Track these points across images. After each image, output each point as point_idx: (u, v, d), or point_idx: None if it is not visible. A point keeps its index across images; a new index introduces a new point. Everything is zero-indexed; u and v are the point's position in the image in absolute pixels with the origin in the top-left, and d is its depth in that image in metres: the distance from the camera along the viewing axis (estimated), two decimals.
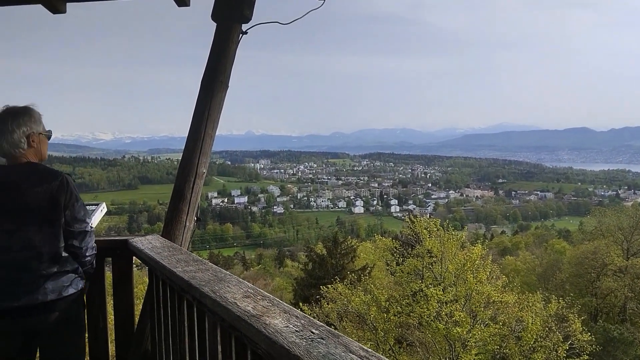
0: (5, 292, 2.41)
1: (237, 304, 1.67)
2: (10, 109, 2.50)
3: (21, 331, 2.50)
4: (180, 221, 3.15)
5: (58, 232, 2.45)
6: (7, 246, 2.40)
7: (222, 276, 2.06)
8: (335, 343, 1.33)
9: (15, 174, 2.44)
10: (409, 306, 16.01)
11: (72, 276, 2.53)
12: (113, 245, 3.10)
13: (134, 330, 3.13)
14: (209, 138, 3.21)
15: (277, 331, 1.42)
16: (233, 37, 3.20)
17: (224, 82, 3.22)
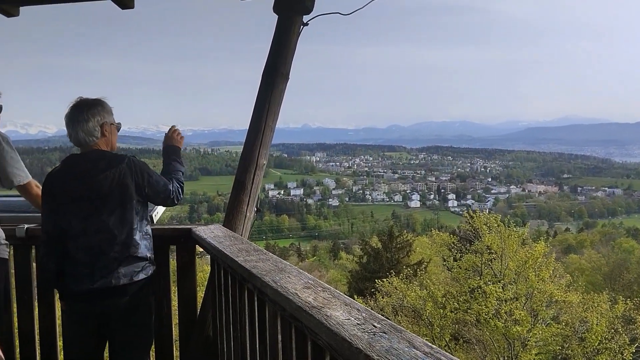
0: (82, 275, 2.57)
1: (297, 295, 1.68)
2: (85, 100, 2.66)
3: (95, 313, 2.66)
4: (240, 211, 3.22)
5: (131, 216, 2.58)
6: (82, 231, 2.55)
7: (283, 267, 2.08)
8: (399, 338, 1.31)
9: (85, 161, 2.59)
10: (467, 303, 15.71)
11: (144, 262, 2.66)
12: (177, 233, 3.21)
13: (197, 316, 3.23)
14: (269, 130, 3.26)
15: (338, 323, 1.42)
16: (294, 28, 3.22)
17: (284, 74, 3.25)
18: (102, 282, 2.55)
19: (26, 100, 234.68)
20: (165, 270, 3.25)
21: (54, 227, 2.62)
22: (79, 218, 2.55)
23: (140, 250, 2.64)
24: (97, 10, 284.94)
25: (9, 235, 3.09)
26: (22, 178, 2.87)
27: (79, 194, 2.54)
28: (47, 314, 3.39)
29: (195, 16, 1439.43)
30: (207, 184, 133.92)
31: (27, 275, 3.36)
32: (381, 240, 28.41)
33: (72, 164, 2.63)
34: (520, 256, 15.92)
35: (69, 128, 2.60)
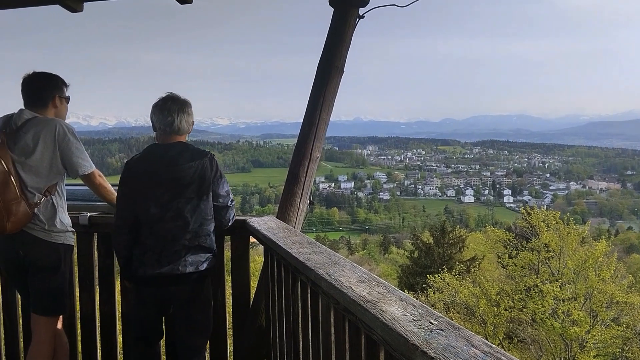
0: (152, 260, 2.73)
1: (352, 288, 1.67)
2: (176, 96, 2.84)
3: (159, 298, 2.83)
4: (294, 204, 3.24)
5: (205, 207, 2.73)
6: (161, 216, 2.69)
7: (337, 260, 2.08)
8: (456, 336, 1.28)
9: (172, 151, 2.73)
10: (522, 301, 15.28)
11: (209, 254, 2.80)
12: (232, 224, 3.26)
13: (250, 305, 3.28)
14: (323, 123, 3.25)
15: (394, 319, 1.40)
16: (350, 21, 3.20)
17: (339, 68, 3.24)
18: (168, 269, 2.70)
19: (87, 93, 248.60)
20: (220, 259, 3.32)
21: (130, 214, 2.77)
22: (159, 204, 2.69)
23: (209, 241, 2.78)
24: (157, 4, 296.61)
25: (73, 223, 3.23)
26: (87, 168, 2.98)
27: (162, 180, 2.68)
28: (107, 298, 3.52)
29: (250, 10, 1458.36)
30: (259, 176, 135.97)
31: (89, 261, 3.51)
32: (433, 235, 28.01)
33: (156, 152, 2.77)
34: (580, 255, 15.33)
35: (172, 115, 2.74)
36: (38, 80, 3.00)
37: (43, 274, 2.98)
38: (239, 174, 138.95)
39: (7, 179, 2.74)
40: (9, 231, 2.79)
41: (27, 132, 2.85)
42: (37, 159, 2.85)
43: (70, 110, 3.18)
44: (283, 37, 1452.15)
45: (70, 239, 3.08)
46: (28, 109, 2.94)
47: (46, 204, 2.93)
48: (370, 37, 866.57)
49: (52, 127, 2.88)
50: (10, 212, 2.74)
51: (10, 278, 3.25)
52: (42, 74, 3.03)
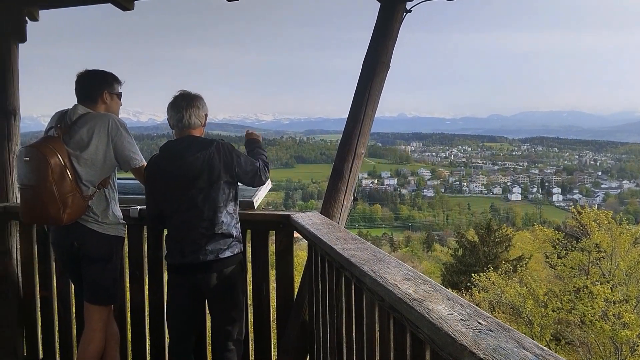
0: (176, 250, 2.86)
1: (397, 286, 1.66)
2: (186, 93, 2.95)
3: (189, 286, 2.93)
4: (338, 200, 3.23)
5: (217, 195, 2.80)
6: (176, 209, 2.82)
7: (381, 257, 2.06)
8: (506, 337, 1.25)
9: (180, 145, 2.84)
10: (571, 302, 14.81)
11: (230, 240, 2.87)
12: (277, 219, 3.30)
13: (294, 300, 3.31)
14: (368, 119, 3.23)
15: (441, 317, 1.37)
16: (397, 16, 3.16)
17: (385, 63, 3.21)
18: (191, 257, 2.82)
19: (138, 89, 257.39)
20: (265, 254, 3.36)
21: (154, 208, 2.95)
22: (174, 197, 2.82)
23: (224, 227, 2.84)
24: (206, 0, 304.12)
25: (124, 215, 3.33)
26: (138, 162, 3.07)
27: (173, 175, 2.80)
28: (156, 289, 3.62)
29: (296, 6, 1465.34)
30: (302, 171, 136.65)
31: (139, 253, 3.61)
32: (478, 233, 27.50)
33: (168, 148, 2.90)
34: (633, 256, 14.74)
35: (181, 111, 2.87)
36: (88, 77, 3.11)
37: (96, 264, 3.08)
38: (282, 170, 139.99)
39: (64, 172, 2.84)
40: (65, 222, 2.89)
41: (81, 126, 2.95)
42: (91, 153, 2.94)
43: (121, 107, 3.27)
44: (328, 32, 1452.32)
45: (121, 231, 3.18)
46: (81, 105, 3.06)
47: (99, 196, 3.03)
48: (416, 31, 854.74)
49: (106, 121, 2.98)
50: (66, 204, 2.84)
51: (65, 268, 3.37)
52: (93, 71, 3.14)
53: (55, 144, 2.86)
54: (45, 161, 2.78)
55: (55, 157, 2.81)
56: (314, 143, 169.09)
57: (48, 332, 3.91)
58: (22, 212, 2.99)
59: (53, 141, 2.88)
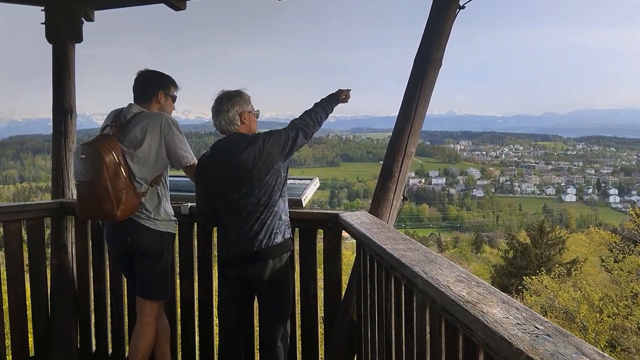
0: (229, 243, 2.92)
1: (450, 288, 1.62)
2: (226, 92, 2.98)
3: (241, 279, 2.98)
4: (387, 199, 3.20)
5: (271, 179, 2.86)
6: (234, 199, 2.87)
7: (433, 257, 2.02)
8: (565, 342, 1.19)
9: (230, 143, 2.90)
10: (627, 308, 14.18)
11: (280, 223, 2.92)
12: (325, 218, 3.30)
13: (341, 299, 3.30)
14: (419, 117, 3.19)
15: (496, 321, 1.33)
16: (450, 12, 3.10)
17: (437, 60, 3.15)
18: (247, 246, 2.87)
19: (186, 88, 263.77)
20: (313, 252, 3.37)
21: (207, 206, 3.01)
22: (231, 191, 2.88)
23: (278, 210, 2.91)
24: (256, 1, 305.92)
25: (175, 212, 3.41)
26: (189, 160, 3.14)
27: (227, 171, 2.86)
28: (205, 285, 3.69)
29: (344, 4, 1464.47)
30: (348, 170, 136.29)
31: (189, 249, 3.69)
32: (530, 235, 26.73)
33: (218, 147, 2.96)
34: None
35: (214, 118, 2.96)
36: (147, 76, 3.21)
37: (148, 260, 3.17)
38: (328, 168, 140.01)
39: (118, 170, 2.93)
40: (119, 219, 2.98)
41: (135, 125, 3.04)
42: (144, 151, 3.03)
43: None
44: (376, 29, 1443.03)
45: (172, 228, 3.26)
46: (136, 104, 3.15)
47: (152, 193, 3.12)
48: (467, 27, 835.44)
49: (159, 120, 3.06)
50: (120, 200, 2.93)
51: (118, 263, 3.48)
52: (151, 71, 3.24)
53: (110, 142, 2.96)
54: (100, 159, 2.88)
55: (110, 154, 2.91)
56: (360, 141, 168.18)
57: (101, 325, 4.04)
58: (78, 208, 3.11)
59: (108, 139, 2.97)
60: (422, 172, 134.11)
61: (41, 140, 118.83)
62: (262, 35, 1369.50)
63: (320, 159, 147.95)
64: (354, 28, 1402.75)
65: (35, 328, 4.00)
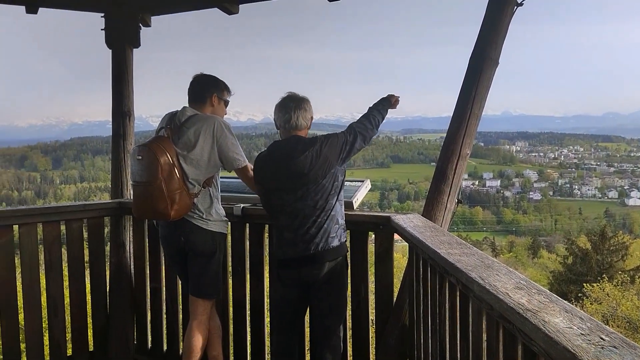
0: (287, 244, 2.93)
1: (508, 295, 1.57)
2: (294, 95, 3.02)
3: (297, 280, 2.99)
4: (441, 202, 3.13)
5: (328, 183, 2.86)
6: (290, 202, 2.89)
7: (490, 263, 1.96)
8: (632, 355, 1.13)
9: (288, 145, 2.92)
10: None
11: (337, 227, 2.92)
12: (376, 220, 3.26)
13: (393, 303, 3.25)
14: (474, 118, 3.10)
15: (558, 331, 1.28)
16: (507, 10, 3.00)
17: (494, 59, 3.05)
18: (302, 249, 2.88)
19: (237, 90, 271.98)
20: (364, 255, 3.33)
21: (267, 203, 3.06)
22: (287, 193, 2.90)
23: (335, 214, 2.91)
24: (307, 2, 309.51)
25: (228, 213, 3.46)
26: (241, 162, 3.19)
27: (284, 173, 2.88)
28: (257, 285, 3.72)
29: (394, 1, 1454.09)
30: (398, 171, 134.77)
31: (241, 249, 3.73)
32: (591, 240, 25.65)
33: (276, 148, 2.98)
34: None
35: (285, 114, 2.95)
36: (202, 79, 3.30)
37: (200, 259, 3.24)
38: (378, 170, 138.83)
39: (172, 171, 3.01)
40: (172, 218, 3.06)
41: (189, 127, 3.11)
42: (197, 153, 3.10)
43: None
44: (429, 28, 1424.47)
45: (224, 228, 3.32)
46: (190, 107, 3.23)
47: (204, 194, 3.18)
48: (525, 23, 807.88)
49: (212, 123, 3.12)
50: (174, 200, 3.01)
51: (172, 262, 3.57)
52: (206, 75, 3.32)
53: (165, 144, 3.05)
54: (155, 160, 2.97)
55: (165, 156, 3.00)
56: (411, 142, 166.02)
57: (156, 322, 4.14)
58: (134, 208, 3.22)
59: (163, 141, 3.07)
60: (476, 173, 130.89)
61: (100, 141, 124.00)
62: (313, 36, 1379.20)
63: (370, 160, 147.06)
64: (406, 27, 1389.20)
65: (95, 324, 4.14)
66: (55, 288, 3.93)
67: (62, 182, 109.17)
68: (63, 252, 4.02)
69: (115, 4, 4.30)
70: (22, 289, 3.79)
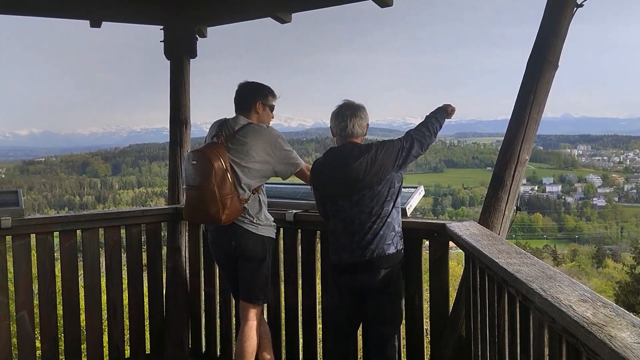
0: (342, 249, 2.95)
1: (572, 308, 1.49)
2: (350, 102, 3.06)
3: (353, 286, 2.99)
4: (498, 209, 3.03)
5: (383, 189, 2.87)
6: (346, 207, 2.91)
7: (551, 274, 1.88)
8: None
9: (343, 152, 2.95)
10: None
11: (393, 234, 2.91)
12: (431, 227, 3.20)
13: (449, 312, 3.16)
14: (533, 123, 2.98)
15: (625, 346, 1.20)
16: (567, 11, 2.88)
17: (553, 62, 2.93)
18: (358, 255, 2.88)
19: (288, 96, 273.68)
20: (418, 263, 3.27)
21: (322, 209, 3.12)
22: (342, 199, 2.93)
23: (391, 221, 2.90)
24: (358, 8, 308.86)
25: (280, 219, 3.51)
26: (298, 165, 3.32)
27: (338, 180, 2.92)
28: (309, 292, 3.72)
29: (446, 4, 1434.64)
30: (452, 176, 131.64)
31: (293, 255, 3.74)
32: None
33: (332, 155, 3.02)
34: None
35: (342, 121, 2.98)
36: (245, 87, 3.38)
37: (251, 264, 3.29)
38: (431, 174, 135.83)
39: (225, 176, 3.08)
40: (223, 222, 3.13)
41: (243, 136, 3.20)
42: (250, 162, 3.18)
43: (273, 114, 3.47)
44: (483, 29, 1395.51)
45: (273, 233, 3.37)
46: (241, 115, 3.31)
47: (254, 200, 3.25)
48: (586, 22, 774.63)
49: (266, 135, 3.23)
50: (225, 205, 3.08)
51: (221, 267, 3.62)
52: (250, 82, 3.40)
53: (219, 150, 3.13)
54: (209, 164, 3.05)
55: (219, 161, 3.08)
56: (465, 146, 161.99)
57: (210, 326, 4.21)
58: (186, 211, 3.34)
59: (217, 147, 3.16)
60: (535, 178, 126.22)
61: (157, 148, 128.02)
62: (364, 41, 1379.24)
63: (422, 164, 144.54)
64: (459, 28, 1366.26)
65: (152, 326, 4.26)
66: (115, 291, 4.08)
67: (121, 188, 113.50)
68: (122, 256, 4.16)
69: (174, 17, 4.44)
70: (83, 291, 3.94)
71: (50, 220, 3.96)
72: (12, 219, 3.53)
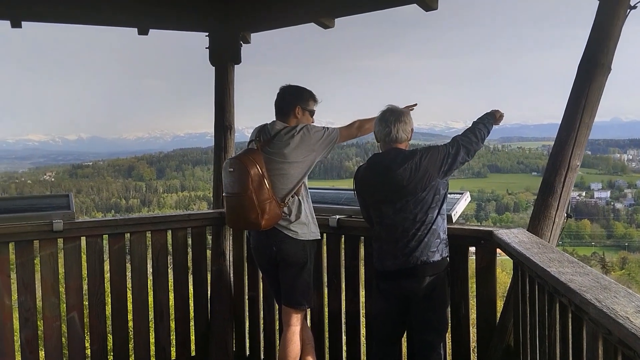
0: (386, 256, 2.93)
1: (629, 319, 1.45)
2: (394, 108, 3.04)
3: (397, 293, 2.97)
4: (548, 216, 2.95)
5: (428, 196, 2.83)
6: (389, 214, 2.89)
7: (606, 284, 1.82)
8: None
9: (387, 158, 2.92)
10: None
11: (438, 242, 2.87)
12: (477, 235, 3.14)
13: (496, 322, 3.10)
14: (585, 128, 2.90)
15: None
16: (619, 13, 2.78)
17: (605, 66, 2.84)
18: (402, 262, 2.85)
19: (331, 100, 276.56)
20: (464, 270, 3.22)
21: (366, 215, 3.12)
22: (386, 205, 2.91)
23: (436, 231, 2.86)
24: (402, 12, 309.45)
25: (323, 224, 3.51)
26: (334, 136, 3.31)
27: (382, 186, 2.90)
28: (352, 298, 3.71)
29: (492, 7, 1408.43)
30: (496, 181, 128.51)
31: (337, 260, 3.74)
32: None
33: (376, 161, 3.00)
34: None
35: (386, 127, 2.95)
36: (285, 92, 3.39)
37: (292, 269, 3.30)
38: (474, 179, 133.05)
39: (262, 181, 3.11)
40: (263, 227, 3.16)
41: (279, 140, 3.22)
42: (287, 166, 3.20)
43: (315, 118, 3.47)
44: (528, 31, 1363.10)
45: (314, 237, 3.36)
46: (279, 120, 3.33)
47: (293, 203, 3.25)
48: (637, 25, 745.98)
49: (300, 134, 3.21)
50: (264, 210, 3.10)
51: (264, 272, 3.65)
52: (290, 87, 3.41)
53: (255, 156, 3.17)
54: (246, 171, 3.09)
55: (255, 167, 3.11)
56: (509, 151, 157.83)
57: (254, 330, 4.25)
58: (228, 218, 3.41)
59: (253, 153, 3.20)
60: (583, 184, 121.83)
61: (200, 152, 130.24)
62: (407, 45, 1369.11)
63: (465, 170, 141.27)
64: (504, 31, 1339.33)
65: (197, 329, 4.33)
66: (162, 293, 4.17)
67: (165, 191, 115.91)
68: (168, 258, 4.25)
69: (220, 24, 4.52)
70: (131, 293, 4.05)
71: (100, 223, 4.08)
72: (63, 222, 3.65)
